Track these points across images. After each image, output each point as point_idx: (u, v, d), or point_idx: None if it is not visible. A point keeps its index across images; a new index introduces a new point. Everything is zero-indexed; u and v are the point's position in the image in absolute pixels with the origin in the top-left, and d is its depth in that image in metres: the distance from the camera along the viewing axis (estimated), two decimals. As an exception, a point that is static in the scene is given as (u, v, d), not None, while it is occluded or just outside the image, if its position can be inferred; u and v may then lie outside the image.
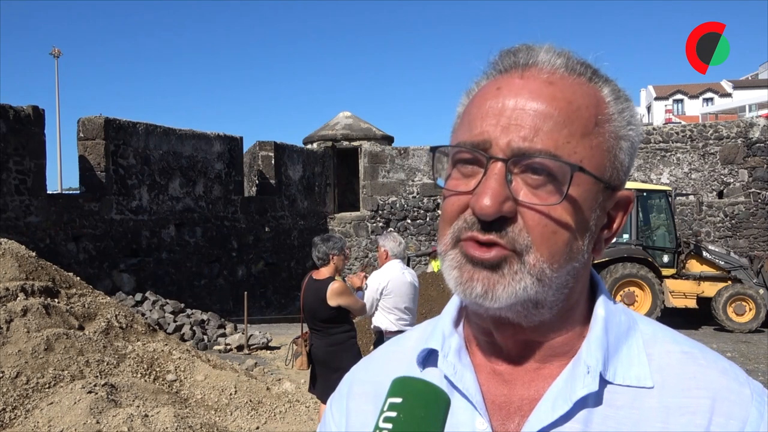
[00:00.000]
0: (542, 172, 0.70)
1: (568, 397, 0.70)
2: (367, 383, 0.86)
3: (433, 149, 0.78)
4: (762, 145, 16.33)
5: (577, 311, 0.77)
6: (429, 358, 0.81)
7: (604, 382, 0.71)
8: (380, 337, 5.23)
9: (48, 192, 11.42)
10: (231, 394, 5.89)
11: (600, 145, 0.73)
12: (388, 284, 5.15)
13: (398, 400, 0.62)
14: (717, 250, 12.89)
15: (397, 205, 18.18)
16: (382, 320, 5.20)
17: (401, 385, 0.63)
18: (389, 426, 0.60)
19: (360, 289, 5.31)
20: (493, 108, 0.72)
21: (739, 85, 56.19)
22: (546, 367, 0.75)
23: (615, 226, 0.78)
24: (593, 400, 0.71)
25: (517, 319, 0.73)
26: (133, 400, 5.03)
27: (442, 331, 0.81)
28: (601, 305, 0.77)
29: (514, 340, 0.76)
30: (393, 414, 0.60)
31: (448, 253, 0.73)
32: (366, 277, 5.42)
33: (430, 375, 0.78)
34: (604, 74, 0.77)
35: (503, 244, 0.70)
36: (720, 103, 52.77)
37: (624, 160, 0.75)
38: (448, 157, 0.77)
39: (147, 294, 11.35)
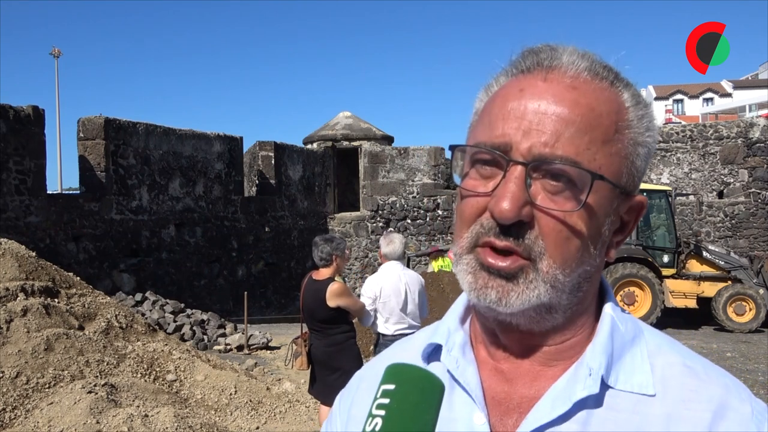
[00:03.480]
0: (562, 178, 0.70)
1: (568, 397, 0.71)
2: (372, 378, 0.86)
3: (453, 147, 0.78)
4: (762, 145, 16.33)
5: (587, 315, 0.77)
6: (434, 353, 0.82)
7: (605, 386, 0.71)
8: (380, 338, 5.21)
9: (48, 192, 11.42)
10: (231, 394, 5.88)
11: (619, 152, 0.73)
12: (381, 292, 5.07)
13: (391, 386, 0.61)
14: (717, 250, 12.88)
15: (397, 205, 18.17)
16: (379, 324, 5.14)
17: (394, 372, 0.62)
18: (382, 413, 0.59)
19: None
20: (515, 110, 0.72)
21: (739, 85, 56.16)
22: (549, 369, 0.75)
23: (628, 230, 0.78)
24: (593, 402, 0.71)
25: (529, 324, 0.73)
26: (133, 400, 5.02)
27: (448, 327, 0.83)
28: (609, 312, 0.77)
29: (520, 344, 0.76)
30: (386, 401, 0.59)
31: (463, 257, 0.74)
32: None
33: (434, 369, 0.78)
34: (625, 78, 0.76)
35: (520, 252, 0.70)
36: (720, 103, 52.75)
37: (640, 167, 0.75)
38: (466, 155, 0.77)
39: (147, 294, 11.35)
